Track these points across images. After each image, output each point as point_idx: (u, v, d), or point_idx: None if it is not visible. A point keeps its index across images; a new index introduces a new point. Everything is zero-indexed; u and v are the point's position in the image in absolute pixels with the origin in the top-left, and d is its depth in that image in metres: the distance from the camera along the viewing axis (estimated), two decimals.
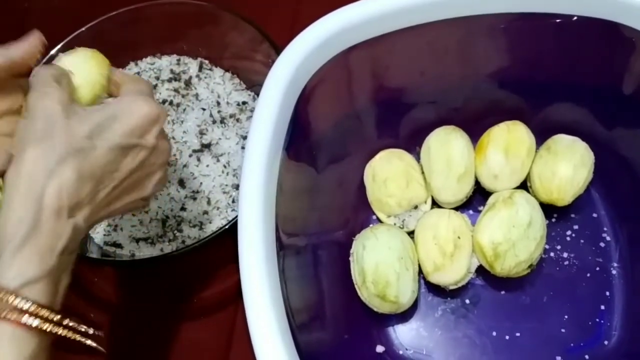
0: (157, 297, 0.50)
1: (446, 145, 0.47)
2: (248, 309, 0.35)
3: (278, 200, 0.40)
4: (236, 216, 0.41)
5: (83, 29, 0.51)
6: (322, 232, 0.47)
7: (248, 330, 0.34)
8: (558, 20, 0.43)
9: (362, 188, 0.50)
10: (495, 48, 0.46)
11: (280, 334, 0.34)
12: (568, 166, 0.45)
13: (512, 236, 0.43)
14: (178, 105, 0.52)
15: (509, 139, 0.46)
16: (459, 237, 0.44)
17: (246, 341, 0.34)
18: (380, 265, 0.42)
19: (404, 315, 0.45)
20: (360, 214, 0.49)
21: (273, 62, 0.42)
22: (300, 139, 0.43)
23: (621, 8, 0.40)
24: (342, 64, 0.44)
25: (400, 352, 0.44)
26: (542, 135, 0.48)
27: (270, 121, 0.40)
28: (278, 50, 0.48)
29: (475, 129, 0.49)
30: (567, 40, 0.44)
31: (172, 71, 0.53)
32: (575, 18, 0.42)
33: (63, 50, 0.50)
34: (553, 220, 0.47)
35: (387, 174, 0.48)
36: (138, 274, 0.51)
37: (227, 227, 0.42)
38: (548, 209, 0.46)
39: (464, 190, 0.47)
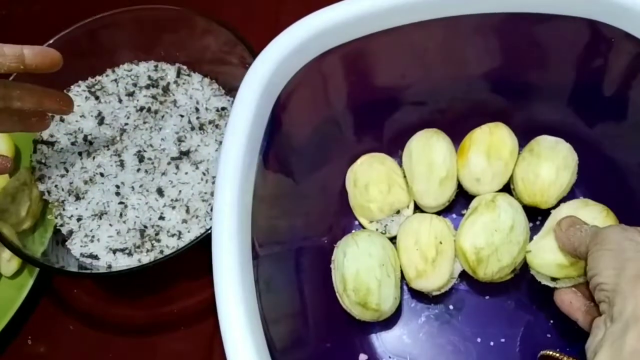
0: (137, 307, 0.49)
1: (428, 148, 0.46)
2: (222, 322, 0.34)
3: (255, 208, 0.39)
4: None
5: (59, 35, 0.50)
6: (303, 238, 0.46)
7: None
8: (538, 20, 0.42)
9: (343, 194, 0.49)
10: (475, 49, 0.45)
11: (254, 347, 0.33)
12: (551, 168, 0.44)
13: (495, 240, 0.42)
14: (156, 112, 0.51)
15: (491, 141, 0.46)
16: (440, 242, 0.43)
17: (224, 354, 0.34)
18: (361, 273, 0.42)
19: (387, 323, 0.44)
20: (342, 219, 0.48)
21: (249, 64, 0.41)
22: (277, 145, 0.42)
23: (601, 7, 0.39)
24: (320, 68, 0.43)
25: None
26: (525, 136, 0.48)
27: (246, 127, 0.39)
28: (254, 54, 0.47)
29: (457, 131, 0.48)
30: (547, 40, 0.44)
31: (149, 77, 0.52)
32: (555, 18, 0.42)
33: None
34: (537, 223, 0.46)
35: (369, 179, 0.47)
36: (117, 284, 0.50)
37: (203, 236, 0.42)
38: (532, 211, 0.45)
39: (446, 194, 0.46)
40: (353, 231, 0.47)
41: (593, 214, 0.42)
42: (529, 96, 0.48)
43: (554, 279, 0.41)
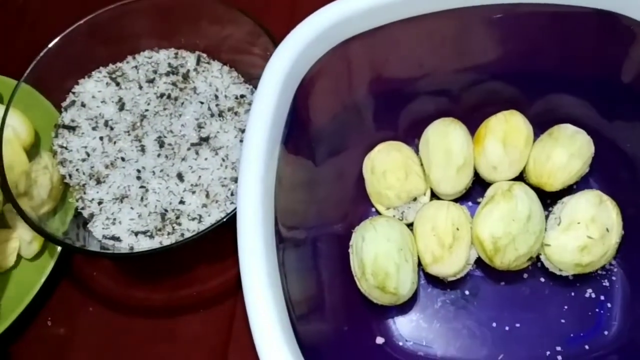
0: (156, 290, 0.50)
1: (445, 137, 0.47)
2: (248, 301, 0.35)
3: (277, 193, 0.39)
4: (234, 209, 0.42)
5: (80, 22, 0.51)
6: (321, 224, 0.47)
7: (247, 323, 0.34)
8: (556, 11, 0.43)
9: (360, 181, 0.49)
10: (493, 38, 0.46)
11: (280, 325, 0.34)
12: (564, 153, 0.45)
13: (512, 230, 0.42)
14: (176, 99, 0.51)
15: (507, 130, 0.46)
16: (457, 229, 0.44)
17: (246, 334, 0.34)
18: (379, 257, 0.42)
19: (404, 307, 0.45)
20: (359, 206, 0.49)
21: (271, 54, 0.42)
22: (298, 132, 0.43)
23: None
24: (340, 56, 0.44)
25: (400, 344, 0.44)
26: (541, 126, 0.48)
27: (268, 114, 0.40)
28: (276, 42, 0.48)
29: (473, 120, 0.49)
30: (564, 30, 0.44)
31: (169, 65, 0.53)
32: (572, 8, 0.42)
33: (60, 44, 0.51)
34: (549, 209, 0.47)
35: (386, 166, 0.47)
36: (137, 268, 0.51)
37: (225, 220, 0.42)
38: (547, 199, 0.46)
39: (463, 181, 0.46)
40: (370, 217, 0.48)
41: (607, 210, 0.43)
42: (545, 86, 0.48)
43: None
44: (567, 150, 0.45)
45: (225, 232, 0.43)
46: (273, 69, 0.41)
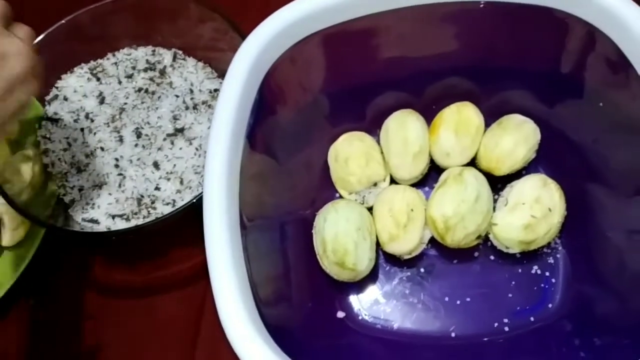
0: (134, 272, 0.53)
1: (403, 126, 0.51)
2: (214, 283, 0.38)
3: (242, 183, 0.42)
4: None
5: (62, 21, 0.54)
6: (288, 211, 0.50)
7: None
8: (502, 8, 0.46)
9: (326, 169, 0.53)
10: (448, 35, 0.49)
11: (244, 304, 0.37)
12: (510, 141, 0.49)
13: (461, 210, 0.46)
14: (153, 93, 0.55)
15: (459, 120, 0.50)
16: (412, 210, 0.47)
17: (216, 315, 0.37)
18: (339, 235, 0.46)
19: (364, 284, 0.48)
20: (324, 192, 0.52)
21: None
22: (264, 124, 0.46)
23: None
24: (303, 51, 0.47)
25: (360, 318, 0.47)
26: (493, 117, 0.52)
27: (233, 107, 0.43)
28: (244, 36, 0.51)
29: (431, 112, 0.53)
30: (510, 26, 0.48)
31: (147, 61, 0.56)
32: (517, 6, 0.46)
33: (43, 42, 0.54)
34: (499, 193, 0.50)
35: (348, 154, 0.51)
36: (116, 252, 0.54)
37: (194, 201, 0.45)
38: (492, 181, 0.49)
39: (419, 167, 0.50)
40: (333, 200, 0.51)
41: (550, 192, 0.47)
42: (497, 80, 0.52)
43: None
44: (514, 138, 0.49)
45: (196, 219, 0.46)
46: (238, 63, 0.44)
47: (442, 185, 0.48)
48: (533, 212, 0.46)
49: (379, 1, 0.47)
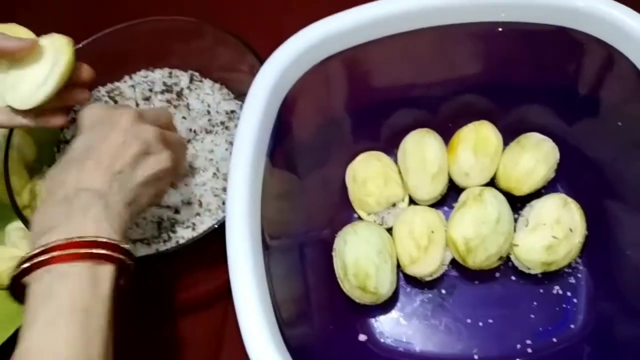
0: (153, 296, 0.53)
1: (421, 146, 0.51)
2: (237, 305, 0.38)
3: (263, 202, 0.42)
4: (224, 217, 0.45)
5: (79, 45, 0.54)
6: (307, 230, 0.50)
7: (239, 326, 0.37)
8: (519, 29, 0.46)
9: (344, 188, 0.53)
10: (463, 55, 0.50)
11: (267, 326, 0.37)
12: (530, 160, 0.48)
13: (482, 232, 0.46)
14: None
15: (477, 139, 0.50)
16: (432, 232, 0.47)
17: (238, 336, 0.37)
18: (360, 259, 0.46)
19: (385, 306, 0.48)
20: (342, 212, 0.52)
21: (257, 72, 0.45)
22: (283, 144, 0.46)
23: (572, 15, 0.44)
24: (322, 73, 0.47)
25: (382, 341, 0.47)
26: (511, 135, 0.52)
27: (254, 128, 0.43)
28: (262, 61, 0.51)
29: (448, 130, 0.53)
30: (529, 46, 0.48)
31: (164, 83, 0.56)
32: (534, 26, 0.46)
33: None
34: (519, 212, 0.50)
35: (366, 175, 0.51)
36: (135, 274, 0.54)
37: (216, 226, 0.46)
38: (511, 200, 0.49)
39: (438, 188, 0.50)
40: (352, 222, 0.51)
41: (570, 212, 0.47)
42: (515, 98, 0.52)
43: None
44: (534, 157, 0.49)
45: (217, 240, 0.46)
46: (258, 86, 0.45)
47: (462, 206, 0.48)
48: (554, 232, 0.46)
49: (394, 24, 0.47)
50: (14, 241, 0.53)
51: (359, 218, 0.52)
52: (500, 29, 0.46)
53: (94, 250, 0.36)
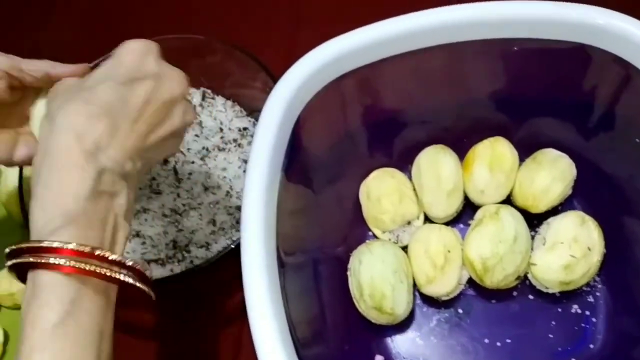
0: (166, 314, 0.52)
1: (435, 163, 0.50)
2: (252, 325, 0.37)
3: (278, 219, 0.42)
4: (240, 237, 0.44)
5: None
6: (321, 248, 0.50)
7: (254, 346, 0.37)
8: (535, 45, 0.46)
9: (358, 206, 0.52)
10: (477, 71, 0.49)
11: (283, 347, 0.36)
12: (547, 177, 0.48)
13: (500, 251, 0.45)
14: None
15: (493, 155, 0.49)
16: (449, 251, 0.46)
17: (253, 357, 0.36)
18: (375, 279, 0.45)
19: (401, 326, 0.48)
20: (356, 230, 0.52)
21: (270, 89, 0.45)
22: (298, 162, 0.46)
23: (591, 32, 0.43)
24: (335, 91, 0.47)
25: None
26: (526, 150, 0.51)
27: (269, 146, 0.43)
28: (274, 78, 0.51)
29: (462, 147, 0.52)
30: (547, 62, 0.47)
31: None
32: (550, 42, 0.45)
33: None
34: (536, 230, 0.50)
35: (381, 192, 0.50)
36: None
37: (232, 246, 0.45)
38: (534, 220, 0.49)
39: (454, 205, 0.49)
40: (367, 241, 0.51)
41: (588, 230, 0.46)
42: (530, 114, 0.51)
43: None
44: (550, 174, 0.48)
45: (231, 259, 0.46)
46: (273, 104, 0.44)
47: (478, 225, 0.47)
48: (572, 251, 0.45)
49: (406, 41, 0.46)
50: None
51: (374, 236, 0.51)
52: (517, 46, 0.46)
53: (119, 277, 0.32)
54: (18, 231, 0.54)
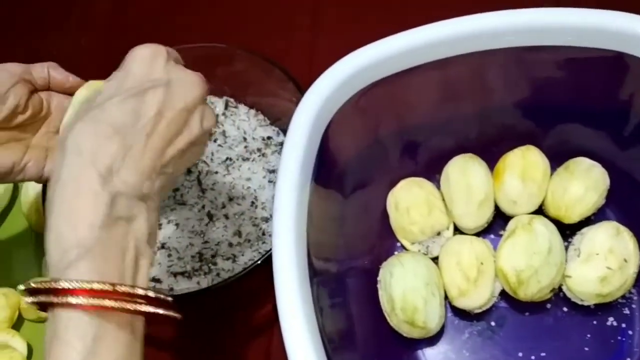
0: (192, 326, 0.51)
1: (465, 173, 0.49)
2: (286, 337, 0.36)
3: (308, 229, 0.41)
4: (267, 250, 0.44)
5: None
6: (349, 259, 0.49)
7: (282, 357, 0.36)
8: (566, 52, 0.45)
9: (385, 216, 0.52)
10: (508, 79, 0.48)
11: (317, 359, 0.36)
12: (580, 187, 0.47)
13: (534, 263, 0.44)
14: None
15: (524, 165, 0.48)
16: (482, 263, 0.46)
17: None
18: (407, 292, 0.44)
19: (432, 339, 0.47)
20: (384, 241, 0.51)
21: (295, 97, 0.44)
22: (326, 171, 0.45)
23: (631, 41, 0.43)
24: (363, 100, 0.46)
25: None
26: (556, 159, 0.50)
27: (299, 156, 0.42)
28: (297, 84, 0.50)
29: (491, 155, 0.51)
30: (576, 69, 0.46)
31: None
32: (583, 49, 0.44)
33: None
34: (571, 241, 0.49)
35: (409, 203, 0.50)
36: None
37: (259, 261, 0.44)
38: (566, 230, 0.48)
39: (485, 216, 0.49)
40: (396, 252, 0.50)
41: (624, 241, 0.45)
42: (559, 122, 0.50)
43: None
44: (583, 184, 0.47)
45: (255, 270, 0.45)
46: (302, 114, 0.44)
47: (510, 236, 0.46)
48: (608, 263, 0.44)
49: (437, 50, 0.46)
50: None
51: (402, 247, 0.51)
52: (552, 53, 0.45)
53: (144, 309, 0.30)
54: (40, 243, 0.53)
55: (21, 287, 0.30)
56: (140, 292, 0.30)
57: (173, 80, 0.34)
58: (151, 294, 0.30)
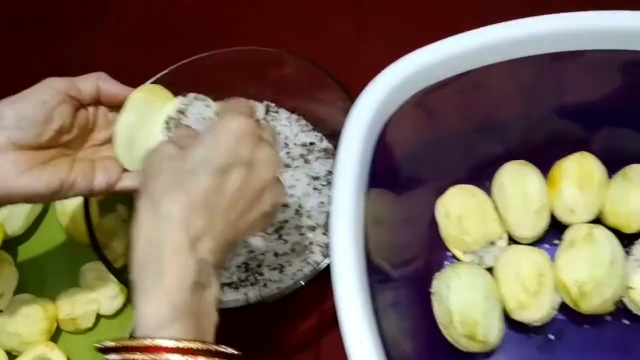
0: (239, 340, 0.50)
1: (520, 180, 0.48)
2: (349, 347, 0.35)
3: (365, 236, 0.40)
4: (316, 261, 0.43)
5: (155, 77, 0.52)
6: (400, 267, 0.47)
7: None
8: (626, 55, 0.44)
9: (433, 224, 0.50)
10: (564, 81, 0.47)
11: None
12: None
13: (597, 275, 0.43)
14: None
15: (580, 172, 0.47)
16: (541, 275, 0.44)
17: None
18: (467, 306, 0.43)
19: (489, 352, 0.45)
20: (434, 250, 0.50)
21: (341, 101, 0.43)
22: (381, 176, 0.44)
23: None
24: (415, 105, 0.45)
25: None
26: (611, 165, 0.49)
27: (355, 163, 0.41)
28: (347, 90, 0.49)
29: (541, 160, 0.50)
30: (633, 73, 0.45)
31: None
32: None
33: None
34: (630, 251, 0.47)
35: (461, 212, 0.48)
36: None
37: (310, 276, 0.43)
38: (624, 240, 0.46)
39: (542, 224, 0.47)
40: (446, 262, 0.49)
41: None
42: (612, 127, 0.49)
43: None
44: None
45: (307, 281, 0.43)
46: (358, 116, 0.42)
47: (570, 246, 0.45)
48: None
49: (492, 54, 0.44)
50: (88, 282, 0.51)
51: (453, 256, 0.49)
52: (614, 57, 0.43)
53: None
54: (81, 256, 0.52)
55: (97, 345, 0.32)
56: (229, 351, 0.32)
57: (255, 161, 0.35)
58: (229, 350, 0.33)
